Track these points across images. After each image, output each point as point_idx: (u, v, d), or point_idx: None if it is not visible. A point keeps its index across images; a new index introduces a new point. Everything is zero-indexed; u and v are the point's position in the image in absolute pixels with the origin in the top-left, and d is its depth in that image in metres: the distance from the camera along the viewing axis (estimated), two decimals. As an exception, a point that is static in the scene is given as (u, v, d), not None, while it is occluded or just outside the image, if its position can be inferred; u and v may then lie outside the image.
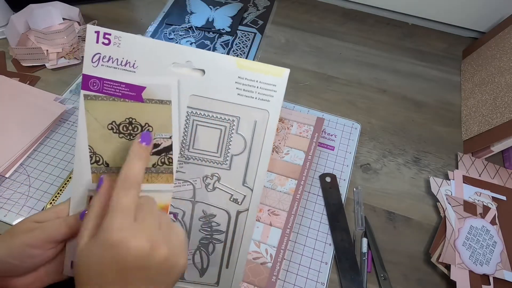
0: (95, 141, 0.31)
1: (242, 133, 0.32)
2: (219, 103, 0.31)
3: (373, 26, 0.71)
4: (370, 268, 0.42)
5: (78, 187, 0.31)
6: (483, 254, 0.42)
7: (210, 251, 0.34)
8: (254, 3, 0.73)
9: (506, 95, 0.50)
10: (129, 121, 0.31)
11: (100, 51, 0.30)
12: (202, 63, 0.31)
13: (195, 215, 0.34)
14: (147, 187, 0.31)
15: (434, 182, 0.48)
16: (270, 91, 0.31)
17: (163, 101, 0.31)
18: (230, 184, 0.33)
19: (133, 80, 0.30)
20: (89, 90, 0.30)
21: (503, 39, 0.58)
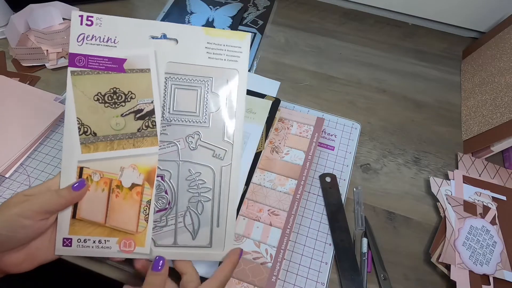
0: (82, 113, 0.34)
1: (217, 91, 0.36)
2: (193, 67, 0.35)
3: (373, 26, 0.71)
4: (370, 268, 0.42)
5: (68, 159, 0.34)
6: (483, 254, 0.42)
7: (200, 210, 0.35)
8: (254, 3, 0.73)
9: (506, 95, 0.50)
10: (113, 91, 0.34)
11: (84, 31, 0.34)
12: (175, 33, 0.35)
13: (182, 175, 0.35)
14: (134, 151, 0.35)
15: (434, 182, 0.48)
16: (237, 52, 0.35)
17: (143, 70, 0.35)
18: (211, 141, 0.36)
19: (115, 53, 0.34)
20: (75, 66, 0.34)
21: (503, 39, 0.58)
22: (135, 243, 0.35)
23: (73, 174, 0.34)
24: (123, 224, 0.35)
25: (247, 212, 0.44)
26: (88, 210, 0.34)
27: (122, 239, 0.34)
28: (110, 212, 0.35)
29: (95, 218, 0.35)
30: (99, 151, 0.34)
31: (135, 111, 0.35)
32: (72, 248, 0.34)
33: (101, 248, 0.34)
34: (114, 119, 0.35)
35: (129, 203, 0.35)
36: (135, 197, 0.35)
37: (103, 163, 0.34)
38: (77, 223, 0.34)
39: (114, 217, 0.35)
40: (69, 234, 0.34)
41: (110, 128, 0.34)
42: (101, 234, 0.34)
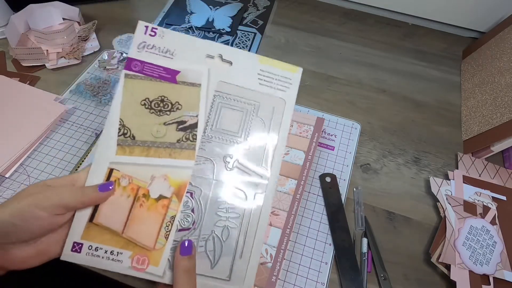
0: (126, 115, 0.34)
1: (262, 117, 0.35)
2: (242, 89, 0.36)
3: (373, 26, 0.71)
4: (370, 268, 0.42)
5: (101, 158, 0.33)
6: (483, 254, 0.42)
7: (225, 237, 0.33)
8: (254, 3, 0.73)
9: (506, 95, 0.50)
10: (161, 99, 0.35)
11: (146, 40, 0.35)
12: (231, 56, 0.36)
13: (213, 195, 0.34)
14: (169, 162, 0.34)
15: (434, 182, 0.48)
16: (287, 83, 0.36)
17: (194, 84, 0.35)
18: (249, 165, 0.35)
19: (170, 65, 0.35)
20: (130, 70, 0.35)
21: (503, 39, 0.58)
22: (149, 261, 0.32)
23: (102, 173, 0.33)
24: (141, 238, 0.32)
25: (247, 212, 0.44)
26: (108, 215, 0.32)
27: (136, 254, 0.32)
28: (130, 222, 0.32)
29: (113, 225, 0.32)
30: (134, 155, 0.34)
31: (179, 122, 0.35)
32: (80, 255, 0.32)
33: (111, 260, 0.32)
34: (156, 126, 0.34)
35: (152, 215, 0.33)
36: (160, 210, 0.33)
37: (135, 168, 0.33)
38: (92, 228, 0.32)
39: (133, 228, 0.32)
40: (81, 239, 0.32)
41: (150, 135, 0.34)
42: (115, 244, 0.32)
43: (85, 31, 0.62)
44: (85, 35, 0.62)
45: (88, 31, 0.62)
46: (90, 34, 0.63)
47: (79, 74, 0.58)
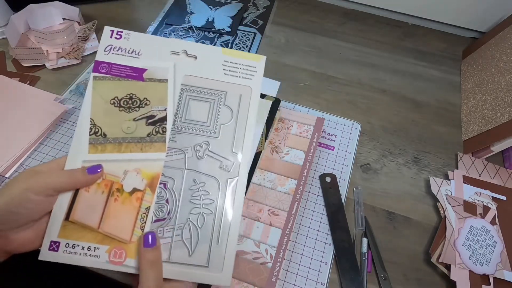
0: (96, 115, 0.35)
1: (229, 105, 0.36)
2: (208, 81, 0.37)
3: (373, 26, 0.71)
4: (370, 268, 0.42)
5: (74, 157, 0.34)
6: (483, 254, 0.42)
7: (200, 224, 0.33)
8: (254, 3, 0.73)
9: (506, 95, 0.50)
10: (130, 96, 0.36)
11: (112, 43, 0.37)
12: (195, 51, 0.37)
13: (186, 184, 0.34)
14: (141, 155, 0.35)
15: (434, 182, 0.48)
16: (251, 71, 0.37)
17: (161, 80, 0.36)
18: (219, 152, 0.35)
19: (137, 64, 0.36)
20: (98, 72, 0.36)
21: (503, 39, 0.58)
22: (126, 254, 0.32)
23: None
24: (117, 231, 0.33)
25: (247, 212, 0.44)
26: (83, 212, 0.33)
27: (113, 247, 0.32)
28: (106, 217, 0.33)
29: (89, 221, 0.33)
30: (106, 152, 0.34)
31: (148, 116, 0.36)
32: (58, 253, 0.32)
33: (89, 256, 0.32)
34: (126, 123, 0.35)
35: (127, 208, 0.33)
36: (134, 203, 0.34)
37: (107, 165, 0.34)
38: (69, 226, 0.33)
39: (109, 223, 0.33)
40: (58, 237, 0.32)
41: (121, 131, 0.35)
42: (92, 240, 0.32)
43: (85, 31, 0.62)
44: (85, 35, 0.62)
45: (88, 31, 0.62)
46: (90, 34, 0.63)
47: (79, 74, 0.58)
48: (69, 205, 0.33)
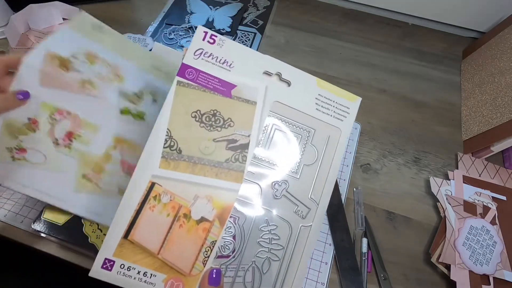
0: (174, 126, 0.32)
1: (316, 145, 0.33)
2: (298, 113, 0.34)
3: (373, 26, 0.71)
4: (370, 268, 0.42)
5: (143, 169, 0.31)
6: (483, 254, 0.42)
7: (265, 269, 0.31)
8: (254, 3, 0.73)
9: (506, 95, 0.50)
10: (213, 113, 0.32)
11: (204, 47, 0.33)
12: (290, 75, 0.34)
13: (256, 222, 0.32)
14: (215, 182, 0.31)
15: (434, 182, 0.48)
16: (344, 112, 0.34)
17: (249, 101, 0.33)
18: (297, 195, 0.33)
19: (227, 77, 0.33)
20: (184, 77, 0.32)
21: (503, 39, 0.58)
22: (183, 287, 0.30)
23: (143, 187, 0.31)
24: (178, 261, 0.30)
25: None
26: (144, 233, 0.30)
27: (170, 278, 0.30)
28: (168, 243, 0.30)
29: (149, 244, 0.30)
30: (178, 171, 0.31)
31: (229, 140, 0.32)
32: (111, 274, 0.29)
33: (143, 282, 0.29)
34: (204, 142, 0.32)
35: (191, 238, 0.30)
36: (200, 233, 0.31)
37: (178, 185, 0.31)
38: (126, 246, 0.30)
39: (171, 250, 0.30)
40: (113, 256, 0.29)
41: (197, 150, 0.32)
42: (149, 265, 0.30)
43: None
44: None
45: (88, 31, 0.62)
46: (90, 34, 0.63)
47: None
48: (130, 222, 0.30)
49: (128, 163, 0.40)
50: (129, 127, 0.40)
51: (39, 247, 0.42)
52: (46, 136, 0.37)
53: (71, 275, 0.55)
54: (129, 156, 0.40)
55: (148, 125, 0.40)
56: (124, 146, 0.40)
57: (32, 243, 0.42)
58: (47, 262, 0.35)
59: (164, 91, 0.42)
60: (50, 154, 0.37)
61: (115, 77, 0.40)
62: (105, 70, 0.39)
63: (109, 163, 0.39)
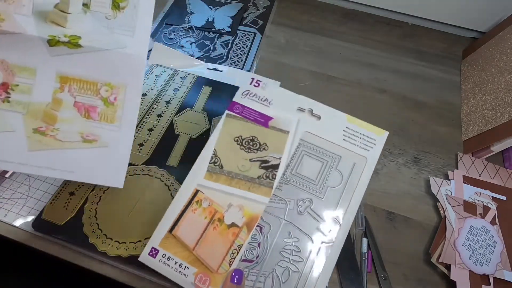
0: (220, 147, 0.39)
1: (341, 170, 0.37)
2: (326, 142, 0.38)
3: (373, 26, 0.71)
4: (370, 268, 0.42)
5: (192, 178, 0.38)
6: (483, 254, 0.42)
7: (284, 279, 0.33)
8: (254, 3, 0.73)
9: (506, 95, 0.50)
10: (252, 138, 0.39)
11: (250, 89, 0.41)
12: (320, 111, 0.40)
13: (280, 234, 0.35)
14: (247, 194, 0.37)
15: (434, 182, 0.48)
16: (370, 143, 0.38)
17: (283, 130, 0.39)
18: (321, 213, 0.36)
19: (266, 111, 0.40)
20: (232, 111, 0.40)
21: (503, 39, 0.58)
22: (210, 282, 0.34)
23: (190, 192, 0.37)
24: (208, 258, 0.34)
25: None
26: (185, 230, 0.36)
27: (200, 272, 0.34)
28: (202, 241, 0.35)
29: (187, 240, 0.35)
30: (218, 182, 0.37)
31: (263, 160, 0.38)
32: (154, 260, 0.35)
33: (178, 272, 0.34)
34: (242, 161, 0.38)
35: (222, 239, 0.35)
36: (229, 237, 0.35)
37: (216, 194, 0.37)
38: (170, 239, 0.35)
39: (204, 248, 0.35)
40: (158, 246, 0.35)
41: (236, 167, 0.38)
42: (185, 258, 0.35)
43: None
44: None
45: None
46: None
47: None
48: (175, 220, 0.36)
49: (84, 105, 0.35)
50: (70, 59, 0.34)
51: (39, 247, 0.42)
52: None
53: (71, 275, 0.55)
54: (82, 96, 0.35)
55: (90, 51, 0.34)
56: (73, 84, 0.35)
57: (32, 243, 0.42)
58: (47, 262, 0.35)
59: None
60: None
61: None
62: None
63: (62, 109, 0.35)
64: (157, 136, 0.49)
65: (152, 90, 0.55)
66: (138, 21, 0.35)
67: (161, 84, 0.56)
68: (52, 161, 0.35)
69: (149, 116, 0.52)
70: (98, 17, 0.34)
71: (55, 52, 0.34)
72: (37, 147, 0.34)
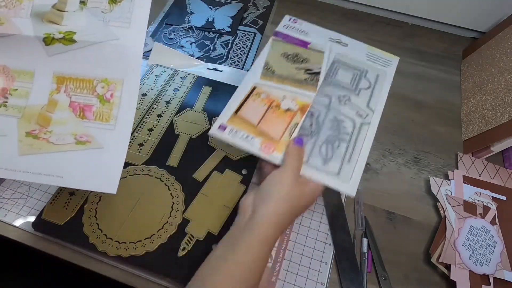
0: (270, 60, 0.46)
1: (369, 78, 0.45)
2: (354, 60, 0.47)
3: (373, 26, 0.71)
4: (370, 268, 0.42)
5: (248, 80, 0.44)
6: (483, 254, 0.42)
7: (336, 146, 0.40)
8: (254, 3, 0.73)
9: (506, 95, 0.50)
10: (295, 54, 0.47)
11: (289, 24, 0.50)
12: (347, 41, 0.49)
13: (328, 117, 0.42)
14: (297, 90, 0.44)
15: (434, 182, 0.48)
16: (388, 62, 0.48)
17: (320, 51, 0.47)
18: (358, 103, 0.43)
19: (304, 38, 0.48)
20: (276, 36, 0.48)
21: (503, 39, 0.58)
22: (274, 148, 0.39)
23: (248, 88, 0.43)
24: (271, 131, 0.40)
25: (247, 212, 0.45)
26: (248, 112, 0.41)
27: (265, 141, 0.39)
28: (264, 120, 0.41)
29: (251, 119, 0.41)
30: (272, 82, 0.44)
31: (307, 69, 0.45)
32: (223, 133, 0.40)
33: (246, 142, 0.39)
34: (290, 69, 0.45)
35: (280, 120, 0.41)
36: (286, 118, 0.41)
37: (271, 89, 0.43)
38: (236, 118, 0.41)
39: (265, 125, 0.41)
40: (226, 123, 0.40)
41: (285, 72, 0.45)
42: (250, 132, 0.40)
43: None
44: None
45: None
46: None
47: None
48: (240, 104, 0.42)
49: (80, 104, 0.34)
50: (66, 58, 0.34)
51: (39, 247, 0.42)
52: None
53: (71, 275, 0.55)
54: (78, 95, 0.35)
55: (85, 45, 0.34)
56: (69, 84, 0.34)
57: (32, 243, 0.42)
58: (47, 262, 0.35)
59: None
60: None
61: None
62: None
63: (57, 111, 0.34)
64: (157, 136, 0.49)
65: (152, 90, 0.55)
66: (134, 12, 0.35)
67: (161, 84, 0.56)
68: (42, 166, 0.33)
69: (149, 116, 0.52)
70: (94, 12, 0.34)
71: (52, 51, 0.34)
72: (28, 151, 0.33)
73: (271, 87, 0.44)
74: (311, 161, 0.39)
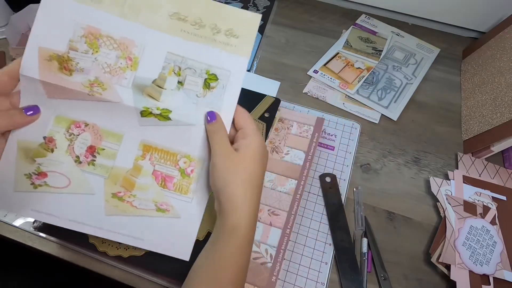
0: (350, 38, 0.59)
1: (416, 59, 0.63)
2: (407, 46, 0.65)
3: (373, 26, 0.71)
4: (370, 268, 0.42)
5: (335, 48, 0.62)
6: (483, 254, 0.42)
7: (387, 92, 0.54)
8: (254, 3, 0.73)
9: (506, 95, 0.50)
10: (367, 38, 0.65)
11: (363, 19, 0.67)
12: (403, 33, 0.65)
13: (384, 76, 0.57)
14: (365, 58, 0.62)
15: (434, 182, 0.48)
16: (430, 51, 0.65)
17: (383, 38, 0.64)
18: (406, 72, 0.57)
19: (373, 29, 0.65)
20: (355, 26, 0.65)
21: (503, 39, 0.58)
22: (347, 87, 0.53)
23: (333, 53, 0.63)
24: (346, 77, 0.54)
25: (247, 212, 0.45)
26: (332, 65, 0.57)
27: (342, 83, 0.54)
28: (342, 71, 0.60)
29: (333, 69, 0.57)
30: (350, 51, 0.61)
31: (374, 47, 0.63)
32: (316, 74, 0.55)
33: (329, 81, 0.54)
34: (362, 46, 0.61)
35: (353, 72, 0.60)
36: (357, 72, 0.59)
37: (349, 56, 0.63)
38: (324, 68, 0.55)
39: (343, 73, 0.57)
40: (319, 69, 0.53)
41: (359, 47, 0.62)
42: (332, 76, 0.56)
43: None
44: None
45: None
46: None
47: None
48: (327, 61, 0.58)
49: (162, 174, 0.36)
50: (156, 130, 0.36)
51: (39, 247, 0.42)
52: (66, 155, 0.35)
53: (71, 275, 0.55)
54: (161, 165, 0.36)
55: (177, 124, 0.35)
56: (154, 153, 0.36)
57: (32, 243, 0.42)
58: (47, 262, 0.35)
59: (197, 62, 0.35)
60: (73, 175, 0.35)
61: (126, 63, 0.34)
62: (113, 56, 0.34)
63: (141, 176, 0.36)
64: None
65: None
66: (225, 101, 0.35)
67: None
68: (125, 227, 0.35)
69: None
70: (189, 94, 0.35)
71: (145, 122, 0.35)
72: (113, 212, 0.35)
73: (349, 54, 0.63)
74: (371, 97, 0.57)
